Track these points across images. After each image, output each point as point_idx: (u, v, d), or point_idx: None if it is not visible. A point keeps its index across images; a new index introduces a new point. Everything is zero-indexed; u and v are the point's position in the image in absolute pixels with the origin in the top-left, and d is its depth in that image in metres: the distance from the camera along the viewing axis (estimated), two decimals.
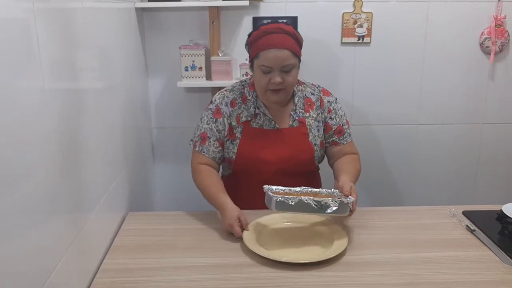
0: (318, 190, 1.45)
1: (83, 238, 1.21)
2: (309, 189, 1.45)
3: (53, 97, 1.04)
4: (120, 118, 1.69)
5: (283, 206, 1.35)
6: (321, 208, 1.37)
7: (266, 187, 1.41)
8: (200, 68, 2.19)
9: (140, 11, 2.15)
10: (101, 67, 1.48)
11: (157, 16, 2.23)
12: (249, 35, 1.58)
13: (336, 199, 1.41)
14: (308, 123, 1.65)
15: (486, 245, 1.40)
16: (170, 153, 2.42)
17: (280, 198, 1.34)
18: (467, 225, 1.52)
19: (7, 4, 0.86)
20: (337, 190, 1.45)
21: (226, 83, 2.19)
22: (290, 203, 1.35)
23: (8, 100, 0.84)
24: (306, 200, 1.36)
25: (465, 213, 1.60)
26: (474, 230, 1.49)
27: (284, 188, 1.43)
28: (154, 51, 2.28)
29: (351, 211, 1.42)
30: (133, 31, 2.02)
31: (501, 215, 1.47)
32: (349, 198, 1.40)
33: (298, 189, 1.44)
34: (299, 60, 1.57)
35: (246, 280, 1.24)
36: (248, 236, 1.41)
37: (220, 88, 2.26)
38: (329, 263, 1.31)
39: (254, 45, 1.55)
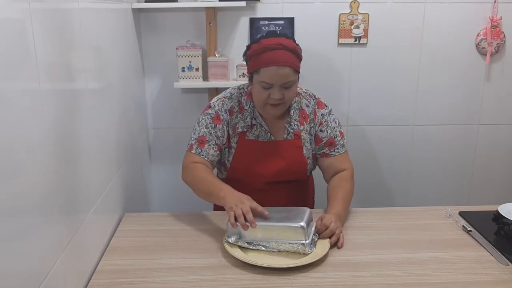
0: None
1: (79, 239, 1.21)
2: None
3: (49, 98, 1.04)
4: (116, 118, 1.68)
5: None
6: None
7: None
8: (197, 69, 2.19)
9: (137, 11, 2.14)
10: (98, 68, 1.47)
11: (154, 17, 2.23)
12: (248, 47, 1.54)
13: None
14: (303, 137, 1.64)
15: (482, 246, 1.41)
16: (166, 153, 2.42)
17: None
18: (463, 226, 1.52)
19: (2, 4, 0.85)
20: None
21: (223, 83, 2.20)
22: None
23: (4, 101, 0.84)
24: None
25: (461, 214, 1.61)
26: (470, 231, 1.49)
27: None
28: (151, 52, 2.27)
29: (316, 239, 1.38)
30: (130, 32, 2.01)
31: (497, 216, 1.47)
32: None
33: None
34: (299, 74, 1.55)
35: (245, 281, 1.24)
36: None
37: (217, 89, 2.27)
38: (323, 264, 1.31)
39: (254, 59, 1.51)
